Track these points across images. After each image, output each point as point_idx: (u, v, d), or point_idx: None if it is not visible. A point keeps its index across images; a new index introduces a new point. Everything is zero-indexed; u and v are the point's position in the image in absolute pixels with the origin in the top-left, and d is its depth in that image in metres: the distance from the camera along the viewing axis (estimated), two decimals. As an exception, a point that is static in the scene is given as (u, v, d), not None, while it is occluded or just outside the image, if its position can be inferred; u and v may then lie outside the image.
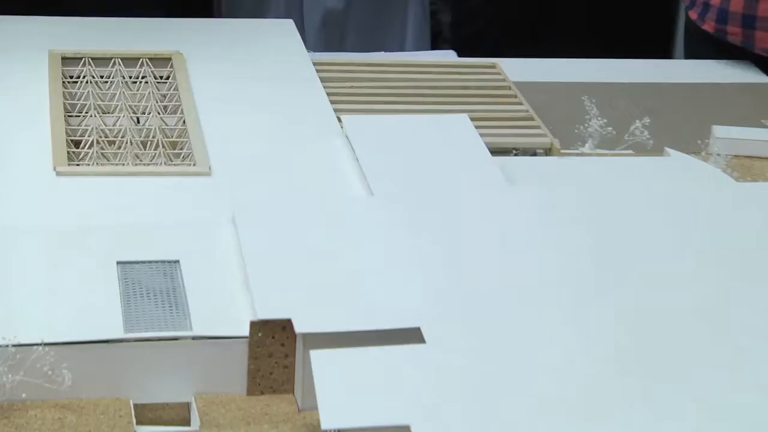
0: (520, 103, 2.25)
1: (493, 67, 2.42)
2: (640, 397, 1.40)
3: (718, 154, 2.07)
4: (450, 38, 3.82)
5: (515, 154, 2.06)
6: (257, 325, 1.54)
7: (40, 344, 1.48)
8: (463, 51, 2.77)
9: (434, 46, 3.68)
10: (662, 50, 3.87)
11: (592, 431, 1.35)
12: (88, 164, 1.92)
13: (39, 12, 2.43)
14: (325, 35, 3.47)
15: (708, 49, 2.78)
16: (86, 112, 2.06)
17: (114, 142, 1.99)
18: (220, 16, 3.38)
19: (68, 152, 1.93)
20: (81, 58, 2.22)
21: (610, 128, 2.11)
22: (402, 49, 3.43)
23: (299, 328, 1.51)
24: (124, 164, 1.92)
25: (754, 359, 1.49)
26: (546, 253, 1.69)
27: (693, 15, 2.82)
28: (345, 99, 2.21)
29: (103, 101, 2.10)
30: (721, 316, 1.58)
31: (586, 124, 2.12)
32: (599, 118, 2.11)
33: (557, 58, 2.59)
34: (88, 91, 2.12)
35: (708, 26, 2.77)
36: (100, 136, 1.99)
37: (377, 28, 3.52)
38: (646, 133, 2.10)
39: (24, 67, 2.20)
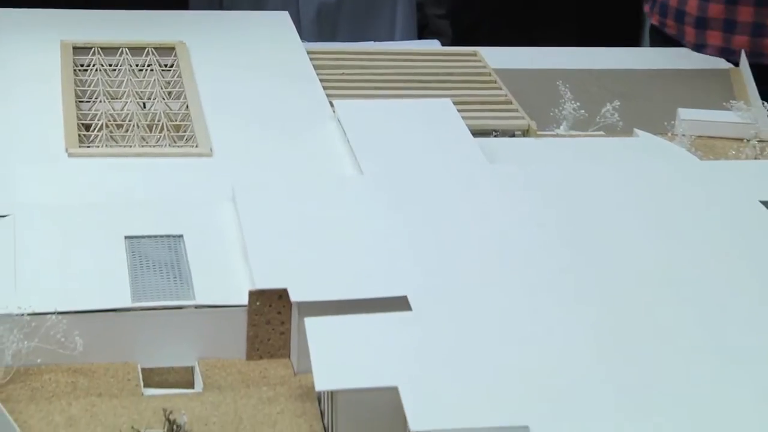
0: (500, 88, 2.25)
1: (474, 55, 2.42)
2: (613, 363, 1.41)
3: (683, 135, 2.07)
4: (436, 30, 3.81)
5: (495, 136, 2.06)
6: (255, 295, 1.54)
7: (54, 313, 1.48)
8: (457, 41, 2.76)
9: (421, 37, 3.68)
10: (635, 39, 3.87)
11: (569, 394, 1.35)
12: (98, 146, 1.92)
13: (52, 5, 2.42)
14: (319, 26, 3.47)
15: (659, 40, 2.79)
16: (96, 98, 2.06)
17: (122, 126, 1.98)
18: (222, 8, 3.38)
19: (79, 135, 1.93)
20: (91, 48, 2.22)
21: (583, 111, 2.11)
22: (390, 39, 3.43)
23: (294, 297, 1.51)
24: (131, 146, 1.92)
25: (715, 326, 1.49)
26: (523, 227, 1.69)
27: (646, 8, 2.83)
28: (337, 85, 2.21)
29: (111, 88, 2.10)
30: (685, 284, 1.58)
31: (560, 108, 2.12)
32: (573, 102, 2.11)
33: (541, 46, 2.59)
34: (98, 79, 2.11)
35: (654, 19, 2.78)
36: (109, 120, 1.98)
37: (367, 19, 3.51)
38: (616, 115, 2.10)
39: (37, 56, 2.19)
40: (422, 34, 3.67)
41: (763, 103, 2.17)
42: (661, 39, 2.76)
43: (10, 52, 2.21)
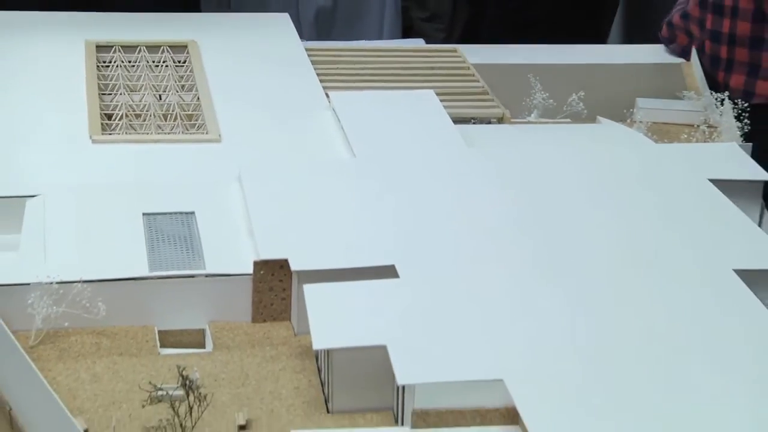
0: (477, 81, 2.24)
1: (454, 51, 2.41)
2: (579, 323, 1.41)
3: (641, 122, 2.07)
4: (419, 31, 3.79)
5: (473, 123, 2.05)
6: (260, 265, 1.54)
7: (79, 282, 1.48)
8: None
9: (405, 37, 3.67)
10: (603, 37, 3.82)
11: (540, 351, 1.35)
12: (119, 133, 1.91)
13: (77, 8, 2.42)
14: (317, 27, 3.48)
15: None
16: (116, 91, 2.05)
17: (140, 115, 1.98)
18: (230, 10, 3.38)
19: (102, 124, 1.92)
20: (112, 46, 2.21)
21: (552, 101, 2.11)
22: (379, 38, 3.43)
23: (294, 266, 1.51)
24: (148, 133, 1.91)
25: (667, 288, 1.49)
26: (498, 203, 1.69)
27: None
28: (332, 78, 2.20)
29: (130, 82, 2.09)
30: (642, 252, 1.58)
31: (531, 98, 2.12)
32: (542, 93, 2.11)
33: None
34: (118, 74, 2.11)
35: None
36: (128, 111, 1.98)
37: (358, 21, 3.53)
38: (581, 104, 2.11)
39: (64, 54, 2.18)
40: (407, 35, 3.66)
41: (711, 93, 2.17)
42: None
43: (40, 51, 2.20)
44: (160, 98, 2.04)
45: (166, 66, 2.17)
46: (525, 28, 3.02)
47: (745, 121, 2.03)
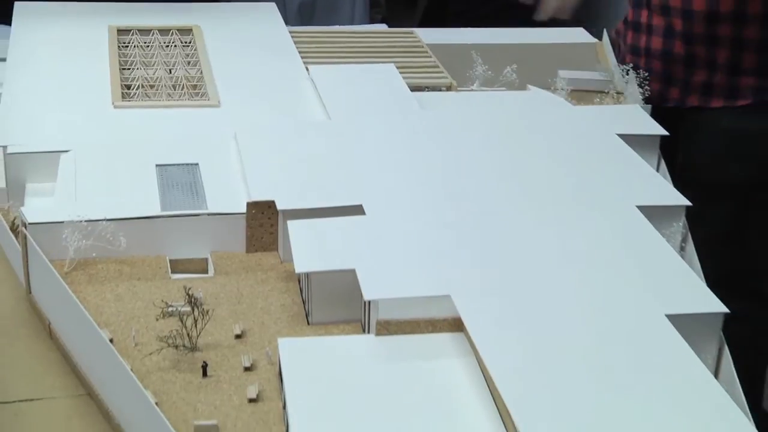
0: (430, 57, 2.22)
1: (411, 33, 2.39)
2: (511, 248, 1.41)
3: (562, 89, 2.06)
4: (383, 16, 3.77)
5: (426, 90, 2.03)
6: (252, 205, 1.52)
7: (104, 220, 1.47)
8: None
9: (372, 22, 3.66)
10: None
11: (482, 270, 1.35)
12: (136, 101, 1.88)
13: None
14: (300, 16, 3.46)
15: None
16: (134, 67, 2.02)
17: (153, 86, 1.95)
18: (226, 0, 3.34)
19: (122, 93, 1.89)
20: (130, 30, 2.18)
21: (490, 72, 2.09)
22: (351, 23, 3.41)
23: (280, 206, 1.50)
24: (160, 100, 1.88)
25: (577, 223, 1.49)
26: (446, 153, 1.68)
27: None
28: (311, 56, 2.18)
29: (145, 59, 2.06)
30: (562, 190, 1.58)
31: (473, 70, 2.10)
32: (483, 66, 2.10)
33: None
34: (135, 52, 2.08)
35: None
36: (144, 82, 1.95)
37: (334, 10, 3.51)
38: (514, 75, 2.09)
39: (91, 37, 2.15)
40: (373, 19, 3.65)
41: (619, 65, 2.16)
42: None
43: (70, 34, 2.17)
44: (170, 72, 2.02)
45: (175, 46, 2.14)
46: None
47: (646, 87, 2.03)
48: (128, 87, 1.93)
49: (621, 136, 1.76)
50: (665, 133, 1.80)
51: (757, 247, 2.16)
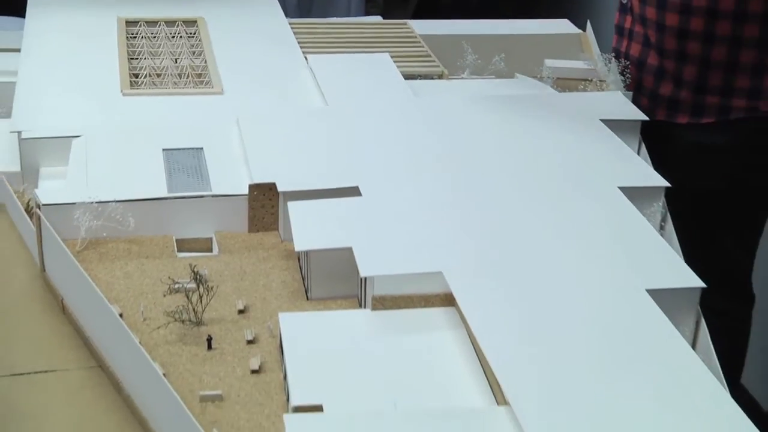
0: (422, 46, 2.21)
1: (405, 24, 2.37)
2: (499, 233, 1.41)
3: (548, 77, 2.05)
4: (378, 8, 3.75)
5: (419, 79, 2.03)
6: (254, 187, 1.52)
7: (114, 201, 1.46)
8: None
9: (367, 14, 3.64)
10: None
11: (474, 252, 1.34)
12: (144, 88, 1.87)
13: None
14: (299, 9, 3.44)
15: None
16: (142, 56, 2.01)
17: (160, 75, 1.94)
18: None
19: (130, 81, 1.88)
20: (138, 22, 2.17)
21: (480, 61, 2.08)
22: (348, 15, 3.40)
23: (281, 188, 1.49)
24: (166, 88, 1.87)
25: (562, 197, 1.49)
26: (437, 137, 1.67)
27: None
28: (310, 45, 2.17)
29: (152, 49, 2.05)
30: (545, 169, 1.57)
31: (464, 59, 2.09)
32: (473, 55, 2.09)
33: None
34: (143, 43, 2.07)
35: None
36: (151, 71, 1.94)
37: (332, 4, 3.50)
38: (502, 64, 2.08)
39: (101, 28, 2.14)
40: (368, 12, 3.63)
41: (602, 55, 2.15)
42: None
43: (81, 26, 2.15)
44: (176, 62, 2.00)
45: (181, 37, 2.13)
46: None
47: (627, 75, 2.02)
48: (136, 76, 1.92)
49: (604, 121, 1.75)
50: (646, 118, 1.80)
51: (716, 251, 2.14)
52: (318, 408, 1.10)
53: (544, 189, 1.52)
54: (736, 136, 2.00)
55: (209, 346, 1.26)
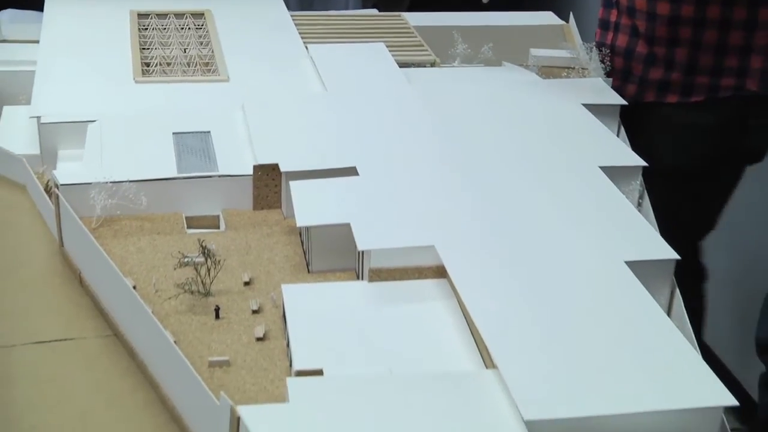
0: (416, 37, 2.20)
1: (399, 16, 2.37)
2: (489, 207, 1.40)
3: (534, 65, 2.04)
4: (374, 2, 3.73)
5: (413, 66, 2.02)
6: (258, 168, 1.52)
7: (127, 181, 1.46)
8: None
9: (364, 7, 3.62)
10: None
11: (463, 226, 1.34)
12: (154, 77, 1.87)
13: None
14: (300, 3, 3.42)
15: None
16: (152, 47, 2.00)
17: (170, 64, 1.93)
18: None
19: (142, 69, 1.87)
20: (149, 14, 2.15)
21: (470, 50, 2.08)
22: (346, 8, 3.38)
23: (283, 168, 1.49)
24: (176, 76, 1.87)
25: (552, 177, 1.49)
26: (429, 122, 1.67)
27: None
28: (310, 36, 2.16)
29: (162, 40, 2.04)
30: (531, 152, 1.57)
31: (455, 49, 2.08)
32: (463, 45, 2.08)
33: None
34: (154, 34, 2.06)
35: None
36: (161, 61, 1.93)
37: (331, 1, 3.48)
38: (491, 53, 2.07)
39: (115, 20, 2.13)
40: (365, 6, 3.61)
41: (584, 44, 2.15)
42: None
43: (97, 18, 2.14)
44: (185, 51, 1.99)
45: (189, 28, 2.12)
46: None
47: (607, 62, 2.01)
48: (147, 65, 1.91)
49: (585, 105, 1.75)
50: (625, 102, 1.79)
51: (693, 226, 2.14)
52: (319, 372, 1.11)
53: (530, 169, 1.51)
54: (723, 114, 2.00)
55: (217, 316, 1.26)
